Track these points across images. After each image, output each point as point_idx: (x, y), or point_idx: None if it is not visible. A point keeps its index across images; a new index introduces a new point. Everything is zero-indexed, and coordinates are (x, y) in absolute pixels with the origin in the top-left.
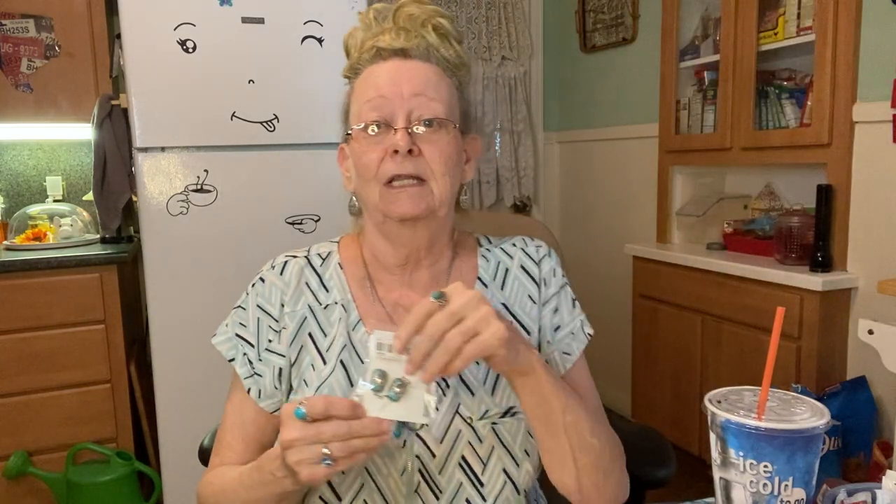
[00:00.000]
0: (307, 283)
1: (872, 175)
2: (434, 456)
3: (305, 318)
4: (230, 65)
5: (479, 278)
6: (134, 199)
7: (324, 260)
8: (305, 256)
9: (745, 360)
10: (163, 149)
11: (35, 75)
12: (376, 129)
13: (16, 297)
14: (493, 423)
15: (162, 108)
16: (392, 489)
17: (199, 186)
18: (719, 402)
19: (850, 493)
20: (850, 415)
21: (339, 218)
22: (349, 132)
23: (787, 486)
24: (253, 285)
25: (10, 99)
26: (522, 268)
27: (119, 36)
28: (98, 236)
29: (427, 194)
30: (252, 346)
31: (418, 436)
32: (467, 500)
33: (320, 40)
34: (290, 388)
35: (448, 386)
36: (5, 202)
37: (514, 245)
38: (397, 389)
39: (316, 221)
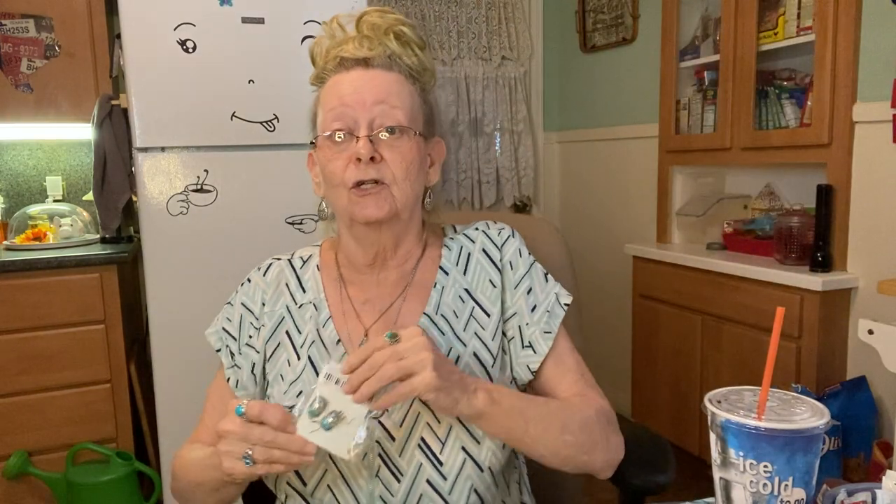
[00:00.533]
0: (287, 284)
1: (872, 175)
2: (394, 440)
3: (283, 317)
4: (230, 65)
5: (441, 267)
6: (134, 199)
7: (304, 262)
8: (288, 259)
9: (745, 360)
10: (163, 149)
11: (35, 75)
12: (340, 138)
13: (16, 297)
14: None
15: (162, 108)
16: (354, 474)
17: (199, 186)
18: (719, 402)
19: (850, 493)
20: (850, 415)
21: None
22: (314, 140)
23: (787, 486)
24: (242, 285)
25: (10, 99)
26: (484, 251)
27: (119, 36)
28: (98, 236)
29: (389, 197)
30: (234, 339)
31: (379, 422)
32: (428, 481)
33: None
34: (267, 383)
35: None
36: (5, 202)
37: (476, 229)
38: (331, 420)
39: (316, 221)
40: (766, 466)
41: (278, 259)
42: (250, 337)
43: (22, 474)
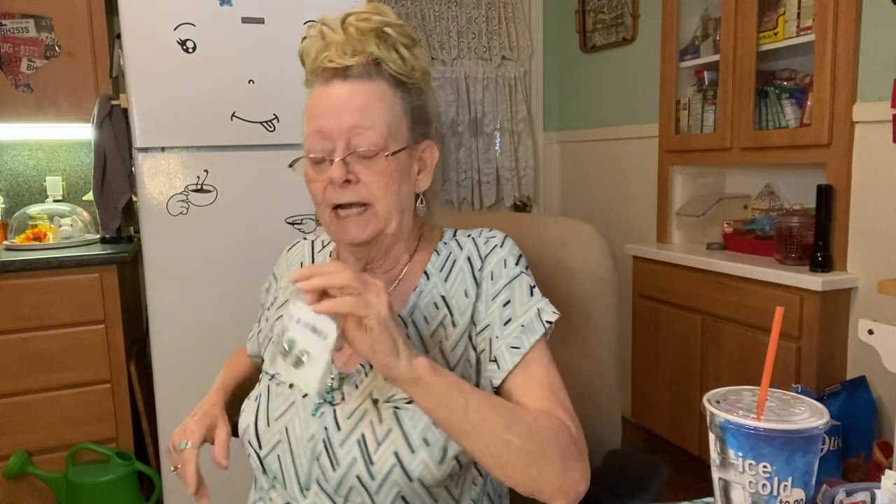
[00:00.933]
0: (301, 263)
1: (872, 175)
2: (339, 429)
3: (293, 292)
4: (230, 65)
5: (426, 271)
6: (134, 199)
7: (324, 246)
8: (312, 241)
9: (745, 360)
10: (163, 149)
11: (35, 75)
12: (319, 160)
13: (16, 297)
14: (396, 408)
15: (162, 108)
16: (300, 451)
17: (199, 186)
18: (718, 402)
19: (849, 493)
20: (850, 415)
21: None
22: (290, 166)
23: (786, 486)
24: (279, 257)
25: (10, 99)
26: (468, 259)
27: (119, 36)
28: (98, 236)
29: (372, 218)
30: (262, 304)
31: (334, 410)
32: (358, 477)
33: None
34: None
35: (371, 368)
36: (5, 202)
37: (469, 236)
38: (297, 358)
39: (315, 221)
40: (765, 467)
41: (305, 238)
42: (271, 304)
43: (22, 474)
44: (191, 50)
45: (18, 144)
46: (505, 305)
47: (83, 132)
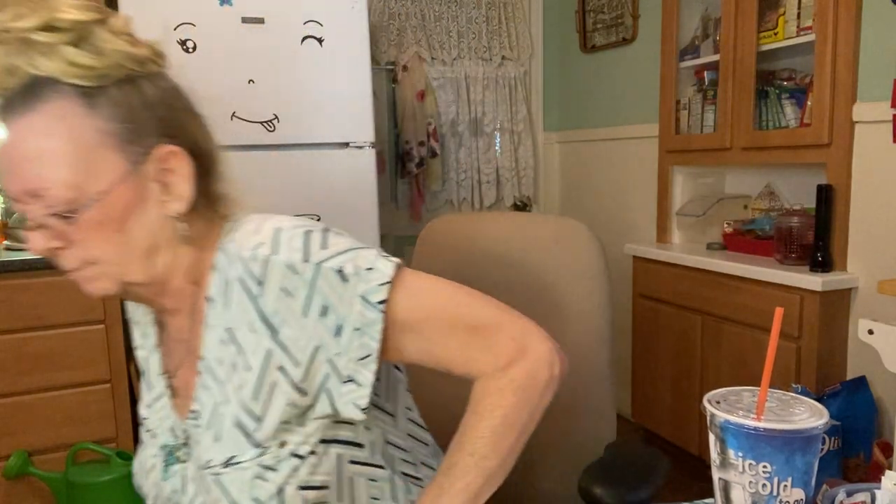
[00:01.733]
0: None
1: (872, 175)
2: (185, 493)
3: (135, 323)
4: (230, 65)
5: (208, 297)
6: None
7: None
8: None
9: (745, 360)
10: None
11: None
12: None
13: (16, 297)
14: (216, 474)
15: None
16: None
17: None
18: (718, 402)
19: (849, 494)
20: (850, 415)
21: (339, 218)
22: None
23: (786, 486)
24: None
25: None
26: (241, 282)
27: None
28: None
29: (102, 275)
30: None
31: (186, 466)
32: None
33: (320, 40)
34: None
35: (197, 424)
36: (5, 202)
37: (234, 242)
38: None
39: (316, 221)
40: (765, 467)
41: None
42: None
43: (22, 474)
44: (191, 50)
45: None
46: (323, 315)
47: None
